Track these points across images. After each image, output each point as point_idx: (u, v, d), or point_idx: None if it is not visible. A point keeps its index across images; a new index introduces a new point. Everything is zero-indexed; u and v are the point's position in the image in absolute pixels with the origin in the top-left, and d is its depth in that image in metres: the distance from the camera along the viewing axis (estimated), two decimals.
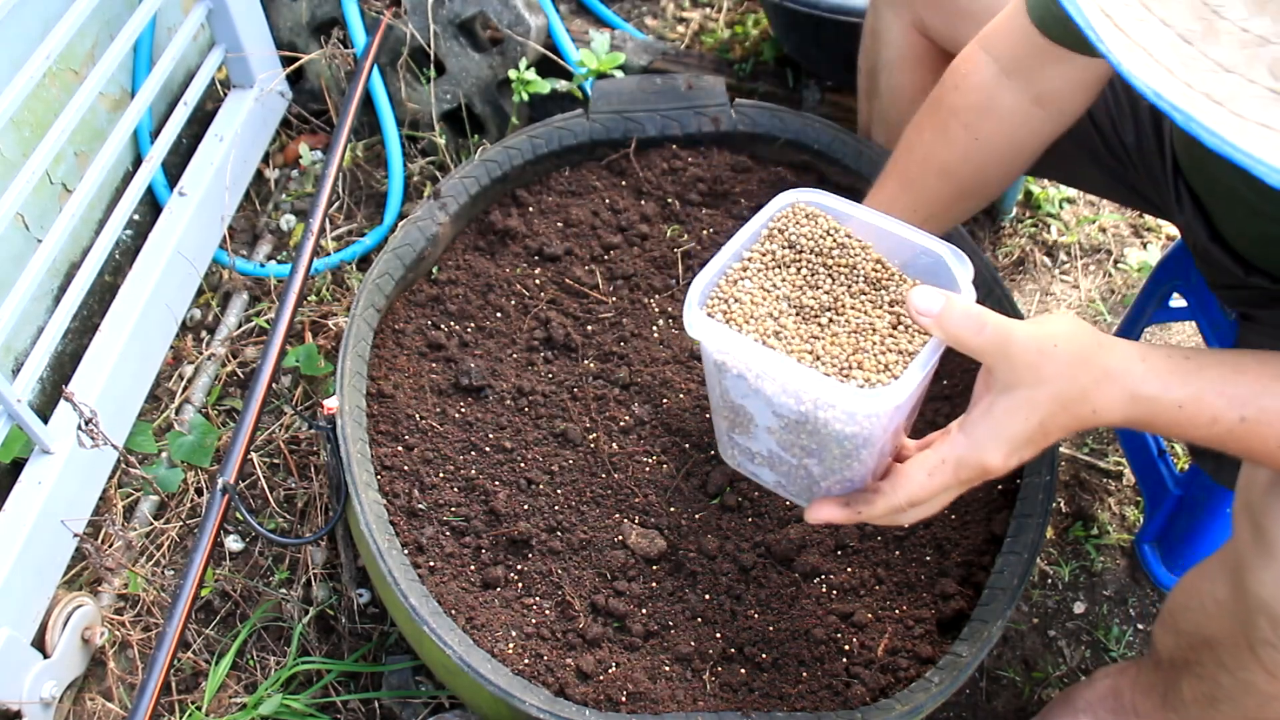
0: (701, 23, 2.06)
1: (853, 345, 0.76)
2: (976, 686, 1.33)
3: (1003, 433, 0.72)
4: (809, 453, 0.79)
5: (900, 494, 0.77)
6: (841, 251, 0.80)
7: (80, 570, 1.37)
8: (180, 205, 1.57)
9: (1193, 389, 0.72)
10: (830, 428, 0.74)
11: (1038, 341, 0.71)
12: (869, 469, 0.79)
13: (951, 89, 1.02)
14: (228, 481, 1.19)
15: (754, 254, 0.81)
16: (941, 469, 0.75)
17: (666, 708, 1.08)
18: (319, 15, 1.81)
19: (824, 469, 0.80)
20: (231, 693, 1.30)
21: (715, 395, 0.83)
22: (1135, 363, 0.73)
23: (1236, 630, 0.85)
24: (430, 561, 1.18)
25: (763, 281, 0.80)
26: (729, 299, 0.79)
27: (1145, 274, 1.73)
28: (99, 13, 1.52)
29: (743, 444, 0.85)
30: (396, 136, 1.78)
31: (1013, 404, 0.72)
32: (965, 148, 1.02)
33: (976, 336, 0.70)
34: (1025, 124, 1.00)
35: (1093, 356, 0.72)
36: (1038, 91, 0.97)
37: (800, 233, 0.81)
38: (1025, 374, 0.71)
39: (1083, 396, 0.72)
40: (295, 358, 1.55)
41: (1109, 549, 1.44)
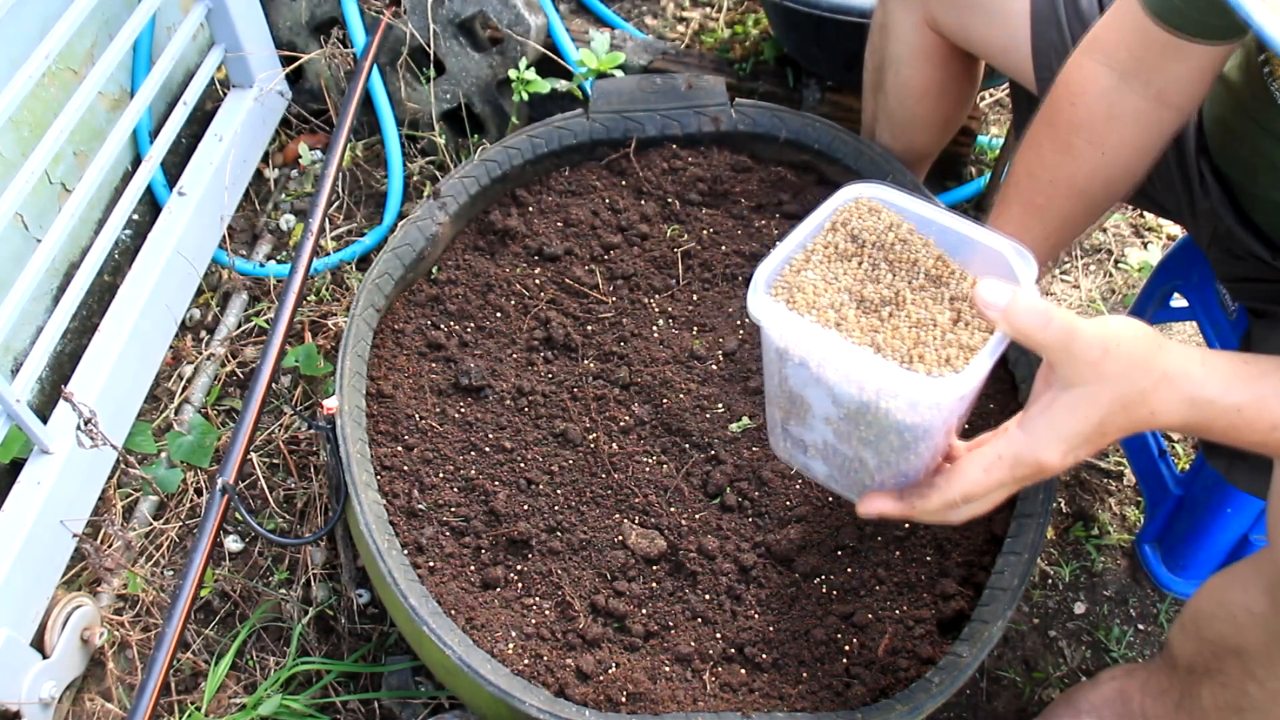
0: (701, 22, 2.05)
1: (913, 338, 0.76)
2: (977, 687, 1.33)
3: (1062, 430, 0.72)
4: (866, 444, 0.79)
5: (955, 489, 0.76)
6: (904, 246, 0.80)
7: (79, 570, 1.37)
8: (180, 205, 1.57)
9: (1253, 393, 0.71)
10: (891, 417, 0.74)
11: (1102, 339, 0.70)
12: (924, 463, 0.79)
13: (1067, 105, 1.00)
14: (227, 481, 1.18)
15: (817, 245, 0.81)
16: (999, 465, 0.74)
17: (666, 708, 1.08)
18: (318, 15, 1.81)
19: (880, 461, 0.79)
20: (231, 693, 1.30)
21: (773, 384, 0.83)
22: (1195, 366, 0.72)
23: (1271, 642, 0.84)
24: (430, 562, 1.18)
25: (825, 273, 0.80)
26: (791, 287, 0.79)
27: (1146, 274, 1.73)
28: (98, 12, 1.52)
29: (796, 435, 0.85)
30: (396, 136, 1.78)
31: (1073, 401, 0.72)
32: (1093, 162, 1.00)
33: (1042, 331, 0.70)
34: (1151, 126, 0.98)
35: (1153, 358, 0.71)
36: (1159, 89, 0.95)
37: (864, 226, 0.81)
38: (1087, 371, 0.71)
39: (1142, 398, 0.71)
40: (295, 358, 1.55)
41: (1110, 549, 1.44)
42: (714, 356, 1.36)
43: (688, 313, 1.41)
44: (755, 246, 1.45)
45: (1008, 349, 0.74)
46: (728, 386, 1.33)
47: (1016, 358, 1.29)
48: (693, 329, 1.39)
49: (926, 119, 1.40)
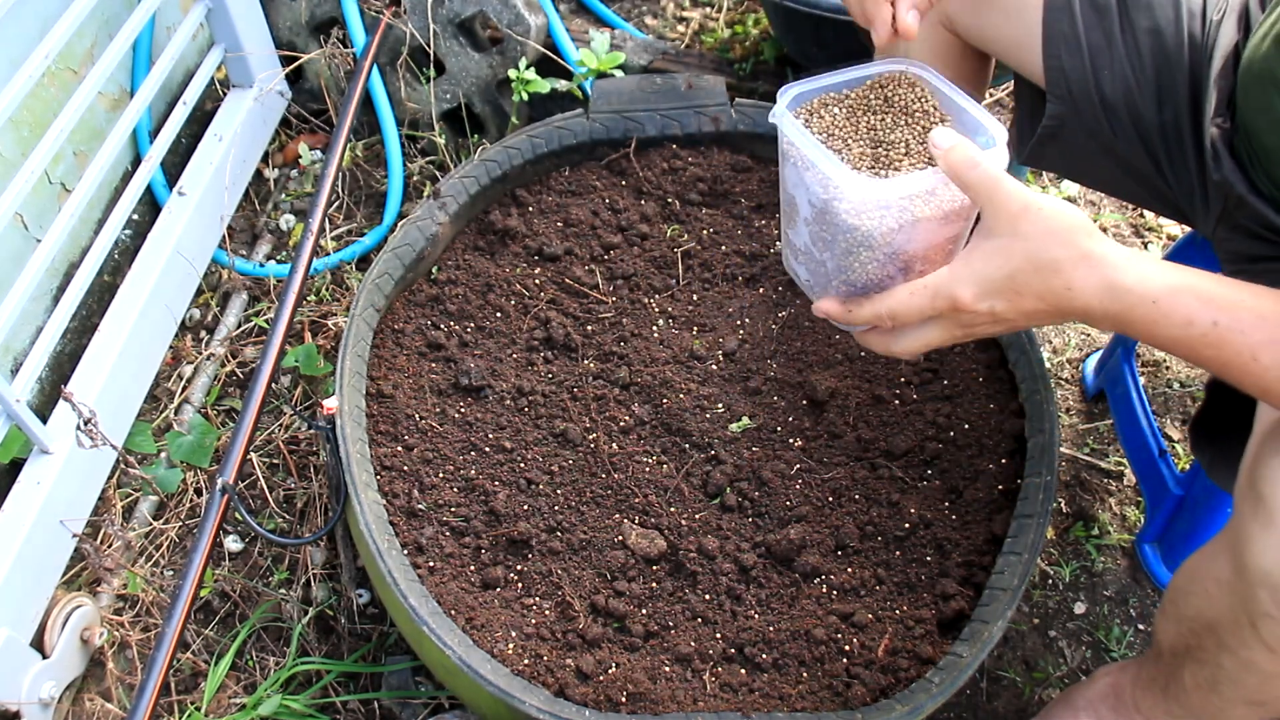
0: (701, 22, 2.05)
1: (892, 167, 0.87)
2: (977, 687, 1.33)
3: (976, 272, 0.78)
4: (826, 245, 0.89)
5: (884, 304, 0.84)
6: (923, 116, 0.91)
7: (79, 570, 1.37)
8: (179, 205, 1.57)
9: (1169, 288, 0.74)
10: (840, 218, 0.84)
11: (1023, 198, 0.76)
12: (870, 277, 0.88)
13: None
14: (227, 482, 1.18)
15: (853, 94, 0.93)
16: (922, 292, 0.82)
17: (666, 708, 1.08)
18: (318, 15, 1.80)
19: (835, 265, 0.89)
20: (231, 693, 1.30)
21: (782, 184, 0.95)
22: (1117, 254, 0.76)
23: (1238, 608, 0.85)
24: (430, 562, 1.18)
25: (849, 115, 0.91)
26: (814, 113, 0.91)
27: None
28: (98, 12, 1.52)
29: (791, 240, 0.97)
30: (396, 136, 1.78)
31: (990, 249, 0.78)
32: None
33: (970, 172, 0.77)
34: None
35: (1075, 236, 0.76)
36: None
37: (896, 93, 0.92)
38: (1004, 223, 0.77)
39: (1055, 267, 0.76)
40: (295, 358, 1.55)
41: (1110, 549, 1.44)
42: (714, 356, 1.36)
43: (688, 313, 1.41)
44: (755, 246, 1.45)
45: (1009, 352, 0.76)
46: (728, 386, 1.33)
47: (1017, 358, 1.29)
48: (693, 329, 1.39)
49: None
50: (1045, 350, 1.64)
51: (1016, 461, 1.25)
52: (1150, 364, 1.64)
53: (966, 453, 1.28)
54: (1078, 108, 1.13)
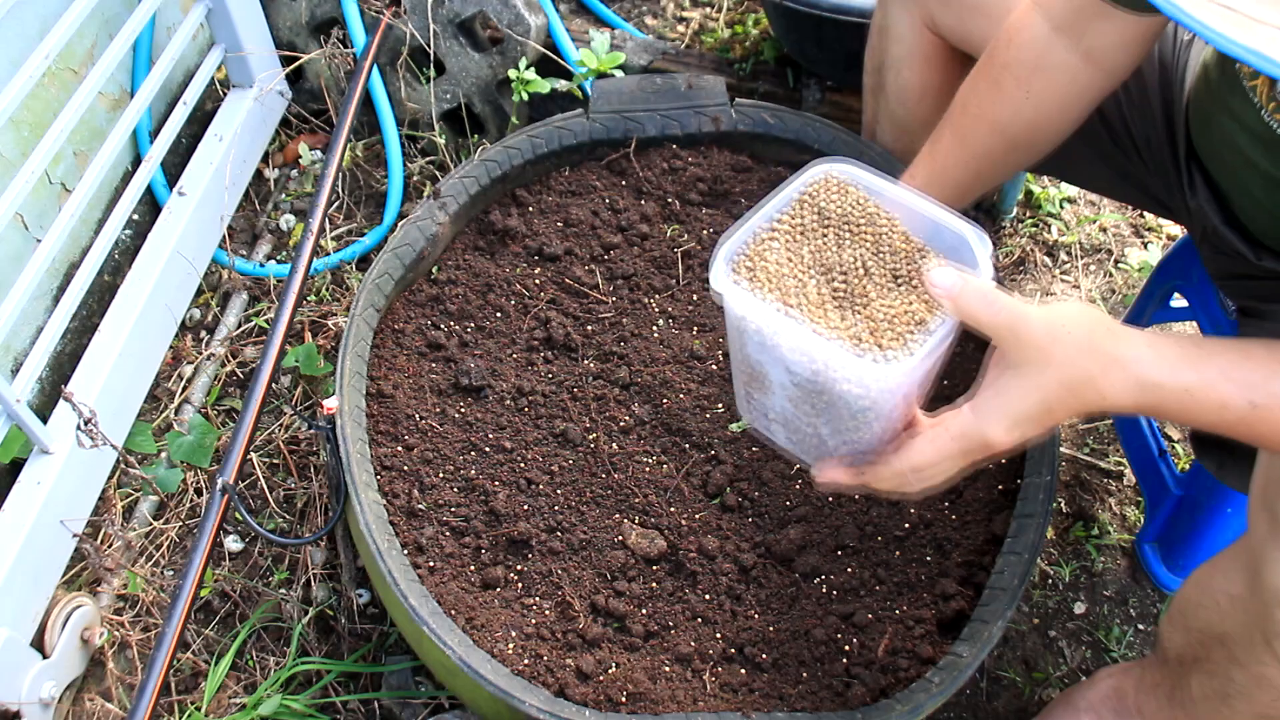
0: (701, 22, 2.05)
1: (872, 315, 0.77)
2: (977, 687, 1.33)
3: (1008, 409, 0.74)
4: (820, 415, 0.81)
5: (905, 462, 0.78)
6: (869, 223, 0.82)
7: (79, 570, 1.37)
8: (180, 205, 1.57)
9: (1201, 375, 0.73)
10: (838, 393, 0.76)
11: (1048, 325, 0.72)
12: (878, 436, 0.80)
13: (1005, 45, 1.04)
14: (227, 481, 1.18)
15: (784, 219, 0.83)
16: (948, 442, 0.77)
17: (666, 708, 1.08)
18: (319, 15, 1.81)
19: (833, 431, 0.82)
20: (231, 693, 1.30)
21: (736, 353, 0.85)
22: (1143, 349, 0.74)
23: (1251, 625, 0.85)
24: (430, 562, 1.18)
25: (789, 246, 0.81)
26: (755, 260, 0.81)
27: (1146, 274, 1.73)
28: (98, 12, 1.52)
29: (759, 401, 0.88)
30: (396, 136, 1.78)
31: (1020, 383, 0.73)
32: (1018, 103, 1.04)
33: (989, 315, 0.72)
34: (1075, 80, 1.02)
35: (1102, 343, 0.73)
36: (1087, 48, 0.99)
37: (831, 203, 0.83)
38: (1034, 355, 0.72)
39: (1089, 381, 0.73)
40: (295, 358, 1.55)
41: (1109, 549, 1.44)
42: (714, 356, 1.36)
43: (688, 313, 1.41)
44: None
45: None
46: (728, 386, 1.33)
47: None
48: (693, 329, 1.39)
49: (927, 120, 1.40)
50: None
51: (1016, 461, 1.25)
52: None
53: None
54: None
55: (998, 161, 1.09)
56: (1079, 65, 1.01)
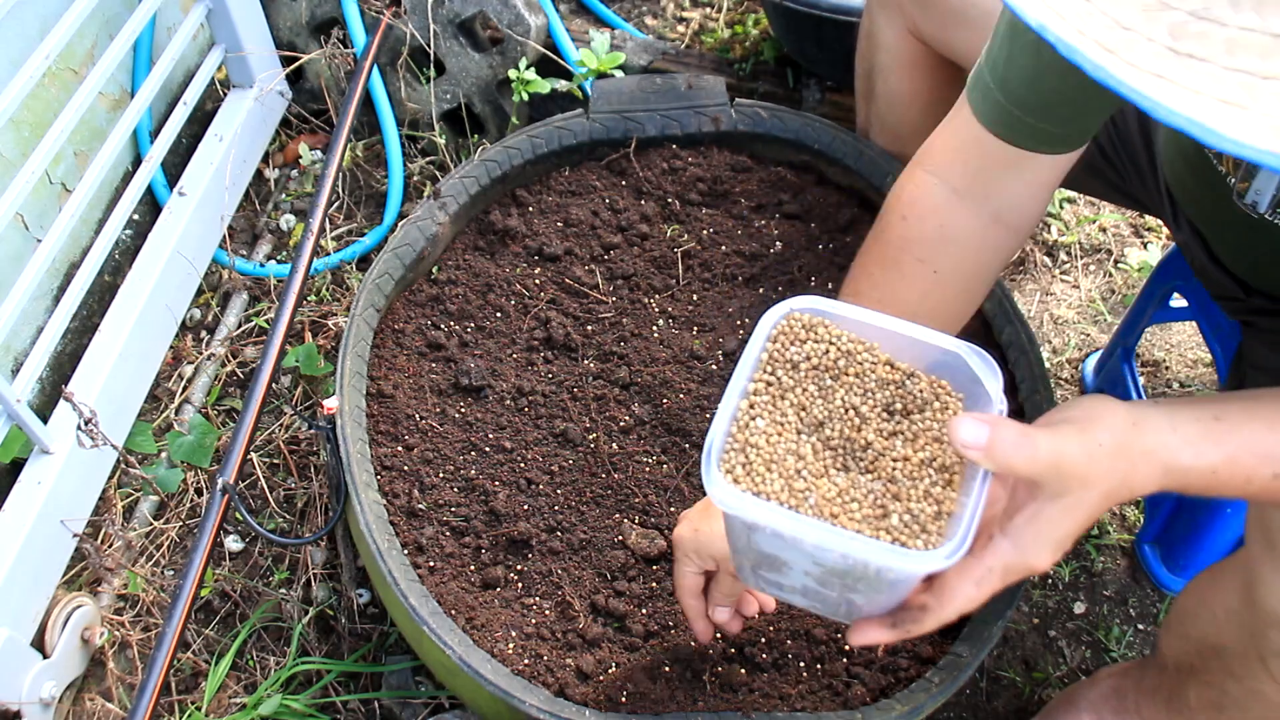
0: (701, 22, 2.05)
1: (885, 472, 0.72)
2: (977, 686, 1.33)
3: (1051, 537, 0.71)
4: (851, 590, 0.76)
5: (949, 610, 0.74)
6: (848, 360, 0.75)
7: (80, 570, 1.37)
8: (180, 205, 1.57)
9: (1226, 452, 0.71)
10: (880, 575, 0.71)
11: (1086, 450, 0.69)
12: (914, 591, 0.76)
13: (899, 220, 0.94)
14: (227, 481, 1.19)
15: (758, 387, 0.76)
16: (989, 578, 0.73)
17: (666, 708, 1.08)
18: (319, 15, 1.81)
19: (867, 599, 0.77)
20: (231, 693, 1.30)
21: (741, 544, 0.78)
22: (1168, 435, 0.71)
23: (1246, 641, 0.85)
24: (430, 561, 1.18)
25: (774, 416, 0.74)
26: (745, 447, 0.73)
27: (1146, 274, 1.73)
28: (98, 12, 1.52)
29: (771, 578, 0.81)
30: (396, 136, 1.78)
31: (1062, 509, 0.70)
32: (925, 283, 0.94)
33: (1028, 463, 0.68)
34: (986, 246, 0.93)
35: (1130, 442, 0.71)
36: (996, 208, 0.91)
37: (801, 352, 0.76)
38: (1075, 483, 0.70)
39: (1124, 483, 0.71)
40: (295, 358, 1.55)
41: (1109, 549, 1.44)
42: (714, 356, 1.36)
43: (688, 313, 1.41)
44: (755, 246, 1.45)
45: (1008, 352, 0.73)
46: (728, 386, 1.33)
47: (1016, 358, 1.29)
48: (693, 329, 1.39)
49: (918, 125, 1.40)
50: (1045, 350, 1.64)
51: None
52: (1150, 364, 1.64)
53: None
54: None
55: None
56: (987, 228, 0.92)
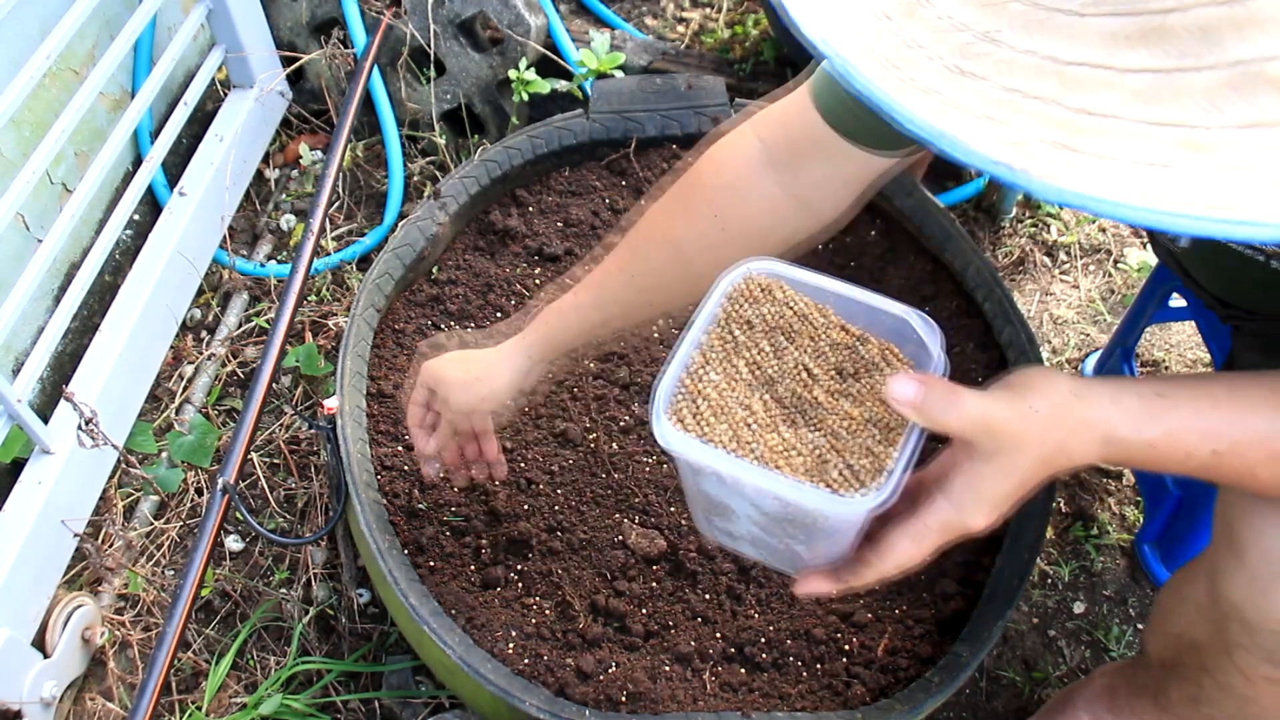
0: (701, 23, 2.06)
1: (831, 428, 0.75)
2: (976, 686, 1.33)
3: (986, 497, 0.74)
4: (793, 538, 0.79)
5: (889, 564, 0.77)
6: (802, 322, 0.78)
7: (80, 570, 1.37)
8: (180, 205, 1.57)
9: (1165, 427, 0.73)
10: (815, 522, 0.74)
11: (1018, 412, 0.71)
12: (855, 544, 0.79)
13: (709, 163, 0.96)
14: (228, 481, 1.19)
15: (713, 341, 0.78)
16: (927, 535, 0.75)
17: (666, 708, 1.08)
18: (319, 15, 1.81)
19: (809, 548, 0.80)
20: (232, 692, 1.30)
21: (690, 489, 0.81)
22: (1109, 407, 0.73)
23: (1215, 634, 0.86)
24: (430, 561, 1.18)
25: (726, 370, 0.77)
26: (695, 395, 0.76)
27: (1145, 274, 1.73)
28: (99, 13, 1.52)
29: (721, 525, 0.84)
30: (396, 136, 1.78)
31: (996, 471, 0.73)
32: (703, 226, 0.96)
33: (958, 420, 0.70)
34: (782, 221, 0.95)
35: (1069, 411, 0.73)
36: (801, 186, 0.93)
37: (757, 312, 0.78)
38: (1008, 444, 0.72)
39: (1060, 450, 0.73)
40: (295, 358, 1.55)
41: (1109, 549, 1.44)
42: None
43: (687, 312, 1.41)
44: None
45: (1008, 352, 0.74)
46: None
47: (1016, 358, 1.29)
48: None
49: None
50: (1045, 350, 1.64)
51: None
52: (1149, 364, 1.64)
53: None
54: None
55: (669, 285, 0.99)
56: (787, 204, 0.94)
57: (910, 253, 1.46)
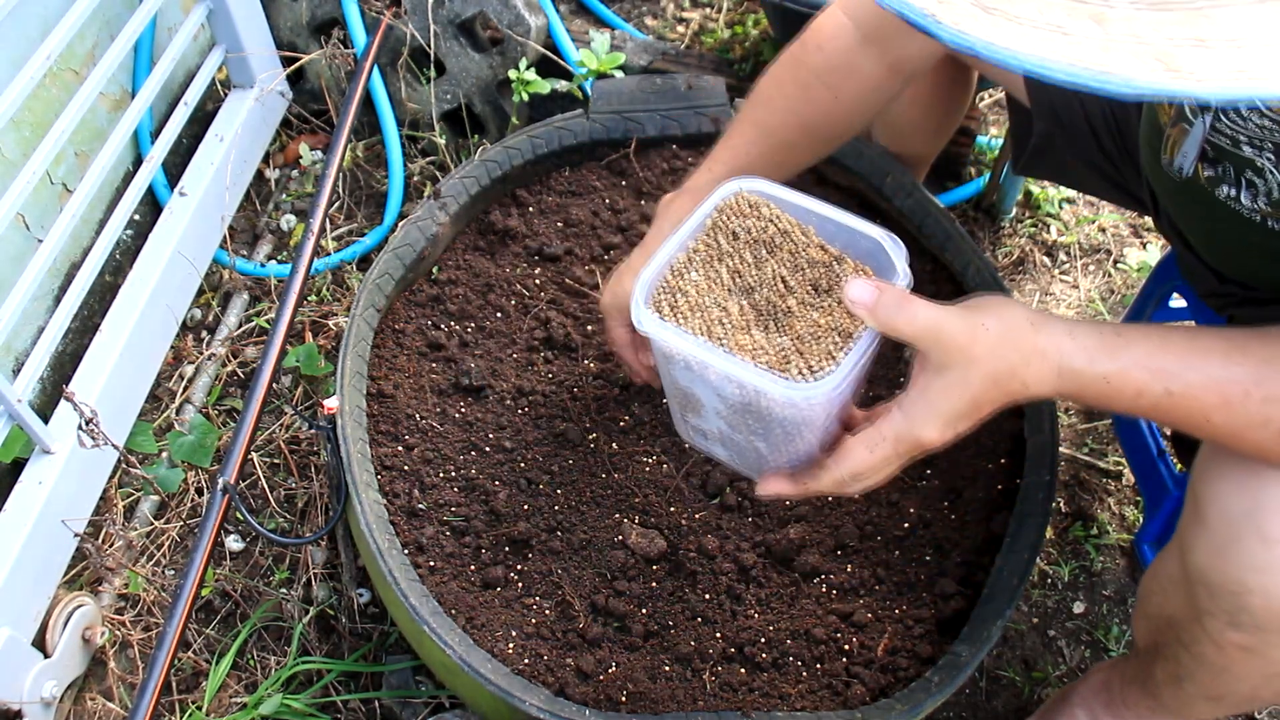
0: (701, 23, 2.06)
1: (797, 332, 0.79)
2: (976, 686, 1.33)
3: (938, 410, 0.77)
4: (755, 433, 0.82)
5: (844, 468, 0.81)
6: (784, 238, 0.83)
7: (81, 570, 1.37)
8: (180, 205, 1.57)
9: (1119, 364, 0.75)
10: (771, 411, 0.78)
11: (968, 325, 0.75)
12: (814, 445, 0.83)
13: (815, 50, 1.08)
14: (228, 481, 1.19)
15: (699, 245, 0.84)
16: (881, 445, 0.79)
17: (666, 708, 1.08)
18: (319, 15, 1.81)
19: (770, 446, 0.83)
20: (232, 692, 1.30)
21: (666, 380, 0.87)
22: (1064, 339, 0.76)
23: (1186, 605, 0.87)
24: (430, 561, 1.18)
25: (708, 272, 0.82)
26: (675, 291, 0.81)
27: (1145, 274, 1.74)
28: (99, 13, 1.52)
29: (695, 423, 0.89)
30: (396, 136, 1.78)
31: (946, 384, 0.76)
32: (828, 106, 1.09)
33: (907, 324, 0.74)
34: (880, 88, 1.09)
35: (1023, 335, 0.76)
36: (894, 59, 1.06)
37: (743, 224, 0.84)
38: (957, 356, 0.75)
39: (1012, 373, 0.76)
40: (295, 358, 1.55)
41: (1108, 549, 1.45)
42: None
43: None
44: None
45: None
46: None
47: None
48: None
49: (920, 123, 1.41)
50: None
51: (1015, 461, 1.26)
52: None
53: (966, 453, 1.28)
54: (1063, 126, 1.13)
55: (801, 154, 1.13)
56: (885, 74, 1.07)
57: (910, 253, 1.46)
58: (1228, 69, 0.43)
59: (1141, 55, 0.44)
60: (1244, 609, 0.79)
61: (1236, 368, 0.73)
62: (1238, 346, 0.74)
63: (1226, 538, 0.79)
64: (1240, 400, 0.73)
